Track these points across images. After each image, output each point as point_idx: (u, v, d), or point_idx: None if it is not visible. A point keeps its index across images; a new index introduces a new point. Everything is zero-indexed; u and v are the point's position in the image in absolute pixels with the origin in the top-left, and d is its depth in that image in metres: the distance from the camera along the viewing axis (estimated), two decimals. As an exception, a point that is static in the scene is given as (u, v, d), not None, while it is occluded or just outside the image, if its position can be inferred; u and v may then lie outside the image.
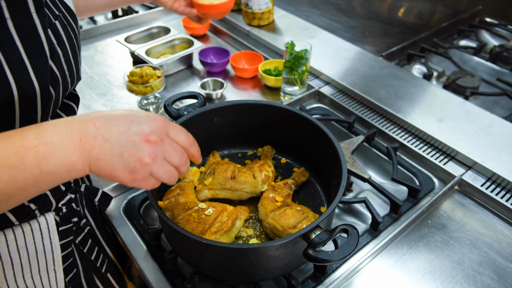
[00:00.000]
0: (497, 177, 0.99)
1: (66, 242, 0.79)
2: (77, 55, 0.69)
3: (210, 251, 0.70)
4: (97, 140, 0.51)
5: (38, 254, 0.73)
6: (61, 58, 0.63)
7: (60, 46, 0.63)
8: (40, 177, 0.49)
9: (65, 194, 0.77)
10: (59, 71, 0.62)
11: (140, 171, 0.53)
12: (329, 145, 0.85)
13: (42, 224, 0.72)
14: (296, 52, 1.17)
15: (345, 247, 0.64)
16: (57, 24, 0.63)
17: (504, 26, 1.69)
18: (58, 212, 0.76)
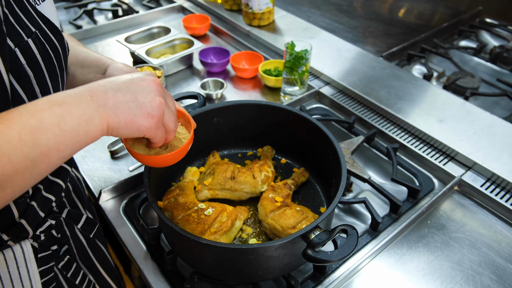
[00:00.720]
0: (497, 177, 0.99)
1: (47, 268, 0.75)
2: (57, 76, 0.64)
3: (209, 251, 0.70)
4: (108, 93, 0.53)
5: (14, 282, 0.69)
6: (32, 80, 0.58)
7: (32, 67, 0.58)
8: (61, 138, 0.49)
9: (44, 221, 0.73)
10: (27, 94, 0.58)
11: (156, 112, 0.56)
12: (329, 146, 0.86)
13: (17, 252, 0.68)
14: (296, 53, 1.17)
15: (344, 247, 0.64)
16: (29, 42, 0.58)
17: (504, 26, 1.69)
18: (36, 239, 0.72)
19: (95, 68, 0.78)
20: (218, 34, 1.68)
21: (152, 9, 1.82)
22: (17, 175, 0.46)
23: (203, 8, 1.81)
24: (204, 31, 1.63)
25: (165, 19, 1.78)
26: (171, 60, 1.37)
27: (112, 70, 0.73)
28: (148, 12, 1.77)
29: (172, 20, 1.78)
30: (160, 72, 1.28)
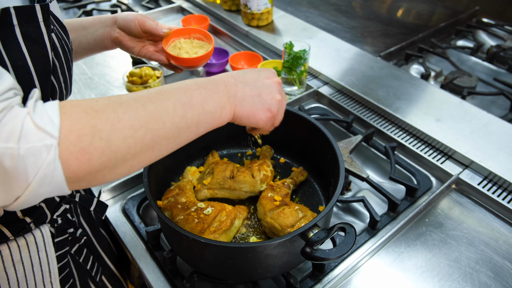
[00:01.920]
0: (494, 176, 0.99)
1: (62, 253, 0.78)
2: (70, 69, 0.70)
3: (209, 250, 0.70)
4: (238, 86, 0.63)
5: (34, 267, 0.72)
6: (58, 70, 0.64)
7: (57, 59, 0.63)
8: (202, 115, 0.58)
9: (59, 205, 0.76)
10: (57, 83, 0.64)
11: (274, 107, 0.66)
12: (327, 145, 0.86)
13: (37, 237, 0.71)
14: (294, 53, 1.18)
15: (342, 245, 0.65)
16: (53, 37, 0.63)
17: (501, 26, 1.70)
18: (53, 223, 0.75)
19: (99, 24, 0.87)
20: (217, 34, 1.68)
21: (151, 9, 1.83)
22: (165, 140, 0.54)
23: (202, 8, 1.82)
24: (203, 31, 1.64)
25: (164, 20, 1.79)
26: (170, 60, 1.37)
27: (123, 19, 0.84)
28: (147, 12, 1.77)
29: (171, 20, 1.79)
30: (160, 72, 1.29)
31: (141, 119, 0.51)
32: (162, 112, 0.53)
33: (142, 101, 0.52)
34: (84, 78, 1.42)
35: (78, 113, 0.47)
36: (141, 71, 1.25)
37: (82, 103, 0.48)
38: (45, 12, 0.57)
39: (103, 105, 0.49)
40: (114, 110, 0.49)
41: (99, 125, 0.47)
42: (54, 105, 0.46)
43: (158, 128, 0.52)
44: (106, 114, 0.48)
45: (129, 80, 1.24)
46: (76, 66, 1.49)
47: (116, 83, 1.40)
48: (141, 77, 1.24)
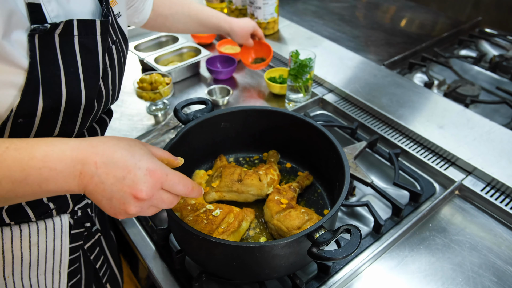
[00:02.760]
0: (496, 182, 1.01)
1: (75, 246, 0.81)
2: (122, 77, 0.76)
3: (218, 249, 0.72)
4: (93, 179, 0.54)
5: (48, 253, 0.75)
6: (109, 78, 0.69)
7: (111, 68, 0.69)
8: (39, 193, 0.53)
9: (82, 198, 0.80)
10: (105, 90, 0.69)
11: (123, 215, 0.57)
12: (333, 150, 0.88)
13: (56, 224, 0.75)
14: (300, 61, 1.21)
15: (348, 246, 0.66)
16: (113, 48, 0.69)
17: (504, 36, 1.72)
18: (73, 215, 0.79)
19: (215, 31, 1.32)
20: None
21: (160, 18, 1.87)
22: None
23: (209, 17, 1.86)
24: (210, 39, 1.68)
25: (172, 28, 1.83)
26: (179, 67, 1.41)
27: (238, 38, 1.35)
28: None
29: (179, 29, 1.83)
30: (169, 79, 1.32)
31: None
32: None
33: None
34: (95, 84, 1.45)
35: None
36: (151, 78, 1.28)
37: None
38: (104, 27, 0.63)
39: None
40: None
41: None
42: None
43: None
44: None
45: (139, 86, 1.27)
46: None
47: (126, 89, 1.43)
48: (151, 83, 1.28)
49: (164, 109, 1.33)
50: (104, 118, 0.79)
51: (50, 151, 0.52)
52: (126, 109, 1.34)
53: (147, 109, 1.33)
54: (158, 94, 1.25)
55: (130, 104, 1.36)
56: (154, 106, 1.33)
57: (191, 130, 0.92)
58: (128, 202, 0.55)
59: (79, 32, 0.60)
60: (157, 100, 1.26)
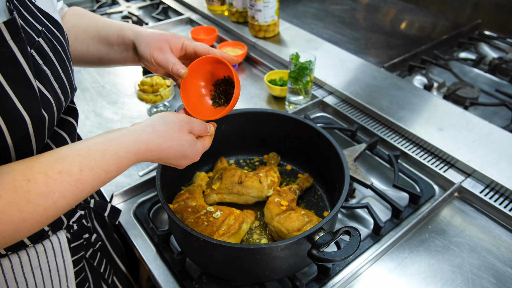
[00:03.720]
0: (495, 184, 1.02)
1: (78, 258, 0.80)
2: (67, 68, 0.65)
3: (218, 251, 0.73)
4: (147, 158, 0.63)
5: (52, 272, 0.74)
6: (50, 77, 0.59)
7: (47, 65, 0.59)
8: (106, 180, 0.58)
9: (75, 212, 0.78)
10: (50, 92, 0.59)
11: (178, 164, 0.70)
12: (333, 152, 0.89)
13: (54, 243, 0.73)
14: (300, 63, 1.21)
15: (347, 247, 0.67)
16: (41, 41, 0.59)
17: (503, 39, 1.73)
18: (69, 229, 0.77)
19: (123, 45, 0.79)
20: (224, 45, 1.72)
21: (161, 21, 1.88)
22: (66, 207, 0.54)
23: (210, 20, 1.87)
24: (211, 42, 1.69)
25: (173, 31, 1.84)
26: (180, 70, 1.42)
27: (143, 47, 0.74)
28: (157, 24, 1.82)
29: (181, 32, 1.84)
30: (170, 81, 1.33)
31: (50, 215, 0.51)
32: (70, 196, 0.52)
33: (54, 198, 0.51)
34: (96, 87, 1.46)
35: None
36: (152, 80, 1.29)
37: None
38: (13, 29, 0.52)
39: (7, 203, 0.47)
40: (19, 210, 0.48)
41: (2, 226, 0.47)
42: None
43: (65, 209, 0.53)
44: (11, 215, 0.47)
45: (141, 89, 1.28)
46: (88, 74, 1.53)
47: (127, 91, 1.44)
48: (152, 85, 1.28)
49: (165, 111, 1.34)
50: (68, 120, 0.70)
51: (104, 160, 0.57)
52: (127, 112, 1.34)
53: (148, 111, 1.34)
54: (159, 96, 1.26)
55: (131, 107, 1.37)
56: (155, 108, 1.34)
57: (191, 132, 0.92)
58: (179, 165, 0.71)
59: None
60: (158, 102, 1.27)
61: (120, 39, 0.78)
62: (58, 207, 0.51)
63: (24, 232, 0.50)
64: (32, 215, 0.49)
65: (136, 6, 2.05)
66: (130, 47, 0.78)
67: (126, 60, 0.82)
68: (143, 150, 0.61)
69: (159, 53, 0.73)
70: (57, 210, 0.52)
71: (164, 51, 0.73)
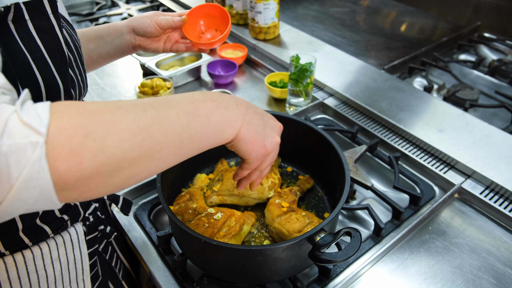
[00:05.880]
0: (495, 185, 1.02)
1: (93, 251, 0.81)
2: (83, 64, 0.71)
3: (219, 252, 0.73)
4: (249, 110, 0.62)
5: (70, 264, 0.75)
6: (73, 63, 0.64)
7: (70, 52, 0.64)
8: (207, 128, 0.55)
9: (90, 204, 0.80)
10: (74, 75, 0.64)
11: (270, 147, 0.66)
12: (333, 154, 0.89)
13: (72, 234, 0.75)
14: (301, 65, 1.22)
15: (348, 248, 0.67)
16: (64, 32, 0.64)
17: (502, 41, 1.74)
18: (85, 221, 0.79)
19: (115, 33, 0.89)
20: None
21: (161, 23, 1.88)
22: (166, 150, 0.50)
23: (210, 22, 1.88)
24: (211, 44, 1.69)
25: (173, 33, 1.84)
26: (180, 72, 1.42)
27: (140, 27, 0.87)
28: (157, 26, 1.83)
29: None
30: (170, 83, 1.33)
31: (141, 124, 0.47)
32: (164, 119, 0.50)
33: (144, 107, 0.49)
34: (96, 88, 1.46)
35: (70, 113, 0.43)
36: (152, 82, 1.30)
37: (76, 103, 0.45)
38: (53, 5, 0.58)
39: (99, 107, 0.46)
40: (111, 112, 0.46)
41: (93, 126, 0.43)
42: (45, 104, 0.42)
43: (158, 135, 0.48)
44: (102, 115, 0.45)
45: (141, 91, 1.28)
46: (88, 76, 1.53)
47: (127, 93, 1.44)
48: (152, 87, 1.29)
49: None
50: None
51: (204, 91, 0.59)
52: (128, 114, 1.34)
53: (149, 113, 1.34)
54: (159, 98, 1.26)
55: (132, 109, 1.37)
56: (156, 110, 1.34)
57: (192, 134, 0.93)
58: (276, 129, 0.67)
59: (30, 15, 0.55)
60: (159, 104, 1.28)
61: (111, 29, 0.89)
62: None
63: None
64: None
65: (136, 8, 2.06)
66: (123, 33, 0.88)
67: (116, 49, 0.90)
68: (239, 98, 0.63)
69: (156, 17, 0.88)
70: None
71: (158, 14, 0.89)
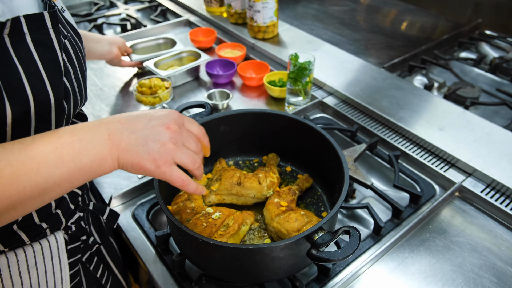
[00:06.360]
0: (496, 183, 1.01)
1: (74, 261, 0.80)
2: (84, 75, 0.71)
3: (217, 251, 0.72)
4: (123, 134, 0.58)
5: (47, 273, 0.74)
6: (71, 75, 0.65)
7: (70, 64, 0.65)
8: (75, 172, 0.54)
9: (74, 213, 0.79)
10: (71, 88, 0.65)
11: (164, 157, 0.59)
12: (332, 152, 0.89)
13: (52, 242, 0.73)
14: (300, 64, 1.21)
15: (347, 247, 0.66)
16: (66, 43, 0.65)
17: (503, 38, 1.73)
18: (67, 230, 0.77)
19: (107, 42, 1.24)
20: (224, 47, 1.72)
21: (160, 23, 1.88)
22: (29, 200, 0.51)
23: (209, 22, 1.87)
24: (210, 44, 1.69)
25: (172, 33, 1.84)
26: (179, 72, 1.42)
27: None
28: (155, 26, 1.83)
29: (179, 33, 1.84)
30: (168, 83, 1.32)
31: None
32: (22, 176, 0.50)
33: (1, 165, 0.49)
34: (95, 89, 1.46)
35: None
36: (150, 82, 1.29)
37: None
38: (54, 19, 0.59)
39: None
40: None
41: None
42: None
43: (17, 193, 0.50)
44: None
45: (139, 91, 1.28)
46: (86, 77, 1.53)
47: (125, 94, 1.44)
48: (150, 87, 1.28)
49: (164, 113, 1.34)
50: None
51: (75, 128, 0.56)
52: (126, 114, 1.34)
53: (148, 113, 1.34)
54: (157, 98, 1.26)
55: (129, 108, 1.37)
56: (155, 110, 1.34)
57: (190, 133, 0.92)
58: (163, 136, 0.59)
59: (29, 28, 0.56)
60: (157, 104, 1.27)
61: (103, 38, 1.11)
62: None
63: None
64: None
65: (135, 8, 2.06)
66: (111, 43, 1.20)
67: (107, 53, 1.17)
68: (109, 118, 0.59)
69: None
70: None
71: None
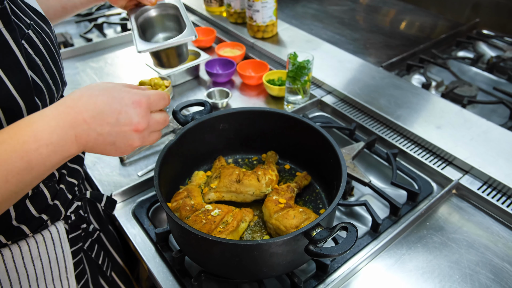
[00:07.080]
0: (493, 181, 1.02)
1: (76, 249, 0.81)
2: (57, 61, 0.68)
3: (216, 248, 0.73)
4: (90, 135, 0.56)
5: (51, 263, 0.75)
6: (41, 68, 0.62)
7: (38, 56, 0.62)
8: (46, 172, 0.54)
9: (72, 202, 0.80)
10: (42, 82, 0.62)
11: (129, 151, 0.62)
12: (330, 149, 0.90)
13: (53, 233, 0.74)
14: (298, 63, 1.22)
15: (344, 243, 0.67)
16: (30, 33, 0.61)
17: (501, 37, 1.74)
18: (67, 220, 0.79)
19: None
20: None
21: (160, 22, 1.89)
22: (2, 203, 0.52)
23: (208, 21, 1.88)
24: (210, 43, 1.70)
25: (172, 32, 1.84)
26: (179, 70, 1.43)
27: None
28: (156, 25, 1.83)
29: (179, 33, 1.84)
30: (168, 82, 1.33)
31: None
32: None
33: None
34: (96, 88, 1.47)
35: None
36: (150, 81, 1.30)
37: None
38: (4, 17, 0.55)
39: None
40: None
41: None
42: None
43: None
44: None
45: (139, 89, 1.29)
46: (86, 76, 1.54)
47: (126, 92, 1.45)
48: (150, 86, 1.29)
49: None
50: None
51: (36, 129, 0.52)
52: (126, 112, 1.35)
53: (147, 112, 1.35)
54: (158, 97, 1.27)
55: (130, 107, 1.37)
56: (154, 109, 1.35)
57: (190, 131, 0.93)
58: (131, 138, 0.59)
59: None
60: (157, 103, 1.28)
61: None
62: None
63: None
64: None
65: (136, 8, 2.06)
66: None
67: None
68: (63, 109, 0.54)
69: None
70: None
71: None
